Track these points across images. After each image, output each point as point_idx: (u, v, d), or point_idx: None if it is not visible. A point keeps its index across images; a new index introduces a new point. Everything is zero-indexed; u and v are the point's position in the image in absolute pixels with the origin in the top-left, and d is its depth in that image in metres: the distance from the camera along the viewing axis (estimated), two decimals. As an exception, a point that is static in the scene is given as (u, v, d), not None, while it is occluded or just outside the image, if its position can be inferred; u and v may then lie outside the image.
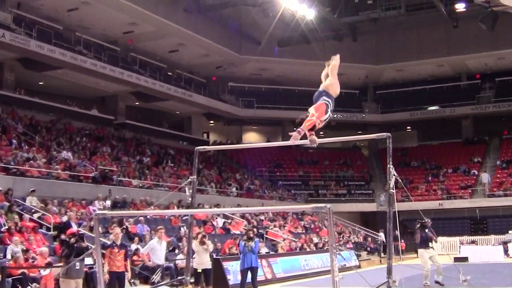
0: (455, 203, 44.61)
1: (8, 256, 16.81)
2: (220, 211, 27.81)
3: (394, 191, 7.28)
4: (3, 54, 31.19)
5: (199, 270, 15.21)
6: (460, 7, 41.83)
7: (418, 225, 18.94)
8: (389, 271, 7.20)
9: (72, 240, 12.80)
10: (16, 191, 22.29)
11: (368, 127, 51.97)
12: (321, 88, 9.20)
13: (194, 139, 45.51)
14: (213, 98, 45.70)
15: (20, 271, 15.95)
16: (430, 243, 18.30)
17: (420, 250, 18.53)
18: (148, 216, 24.77)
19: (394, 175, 7.32)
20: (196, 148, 8.62)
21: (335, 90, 9.31)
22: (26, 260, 16.48)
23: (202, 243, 15.40)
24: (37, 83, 36.03)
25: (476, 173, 47.17)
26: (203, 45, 41.84)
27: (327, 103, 8.92)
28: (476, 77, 52.48)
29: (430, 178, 48.50)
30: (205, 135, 50.78)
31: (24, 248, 17.18)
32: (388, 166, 7.38)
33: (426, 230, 18.60)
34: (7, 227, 18.51)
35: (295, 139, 6.48)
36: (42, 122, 32.25)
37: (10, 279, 15.40)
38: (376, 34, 48.40)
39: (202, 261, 15.30)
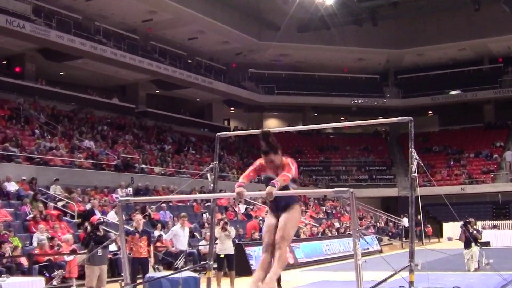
0: (477, 187, 44.37)
1: (34, 244, 17.09)
2: (246, 194, 27.68)
3: (416, 175, 7.26)
4: (24, 45, 31.40)
5: (222, 256, 15.30)
6: (482, -11, 41.36)
7: (462, 224, 18.46)
8: (412, 255, 7.22)
9: (89, 228, 12.95)
10: (40, 180, 22.59)
11: (389, 112, 51.77)
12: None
13: (215, 126, 45.59)
14: (233, 85, 45.66)
15: (46, 258, 16.23)
16: (473, 243, 17.79)
17: (464, 251, 18.03)
18: (170, 203, 24.93)
19: (416, 159, 7.30)
20: (218, 134, 8.64)
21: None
22: (52, 247, 16.74)
23: (224, 229, 15.48)
24: (58, 73, 36.25)
25: (499, 158, 46.82)
26: (222, 32, 41.78)
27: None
28: (498, 60, 51.82)
29: (451, 163, 48.25)
30: (225, 122, 50.82)
31: (49, 236, 17.42)
32: (410, 150, 7.35)
33: (471, 230, 18.14)
34: (32, 215, 18.80)
35: (270, 195, 6.42)
36: (64, 111, 32.50)
37: (37, 266, 15.71)
38: (396, 19, 48.00)
39: (225, 246, 15.39)
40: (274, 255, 6.66)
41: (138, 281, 11.60)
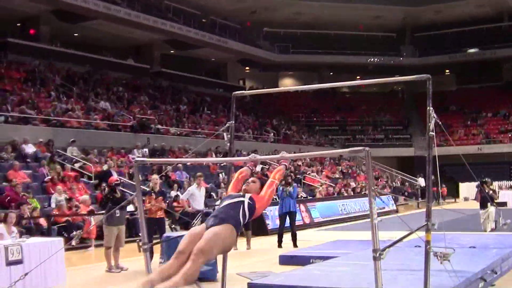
0: (494, 147, 44.19)
1: (53, 205, 17.30)
2: (259, 158, 27.62)
3: (433, 133, 7.19)
4: (38, 7, 31.30)
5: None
6: None
7: (477, 184, 18.22)
8: (428, 215, 7.18)
9: (106, 190, 13.02)
10: (57, 142, 22.73)
11: (405, 71, 51.10)
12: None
13: (230, 86, 45.48)
14: (248, 44, 45.38)
15: (64, 218, 16.43)
16: (489, 204, 17.39)
17: (480, 211, 17.84)
18: (186, 163, 25.03)
19: (434, 117, 7.21)
20: (234, 93, 8.59)
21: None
22: (70, 208, 16.93)
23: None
24: (72, 35, 36.15)
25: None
26: (237, -11, 41.47)
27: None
28: (518, 17, 51.00)
29: (469, 123, 48.02)
30: (241, 81, 50.67)
31: (67, 197, 17.61)
32: (428, 108, 7.26)
33: (487, 190, 17.92)
34: (50, 177, 18.98)
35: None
36: (79, 73, 32.52)
37: (55, 227, 15.94)
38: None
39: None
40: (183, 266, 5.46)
41: (155, 241, 11.68)
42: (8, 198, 16.40)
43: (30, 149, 21.07)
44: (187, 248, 5.56)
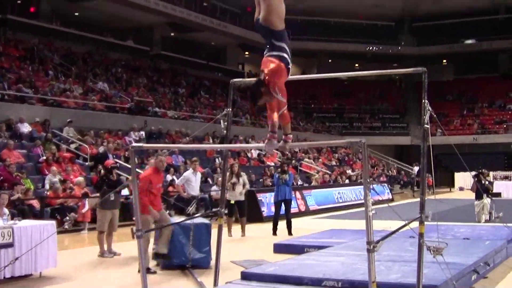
0: (489, 137, 44.35)
1: (47, 186, 17.20)
2: (254, 146, 27.55)
3: (428, 126, 7.21)
4: (39, -16, 31.21)
5: (232, 202, 15.35)
6: None
7: (474, 175, 18.27)
8: (422, 207, 7.22)
9: (102, 172, 12.95)
10: (53, 122, 22.64)
11: (403, 60, 51.40)
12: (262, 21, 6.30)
13: (229, 70, 45.45)
14: (249, 29, 45.20)
15: (58, 201, 16.33)
16: (485, 194, 17.53)
17: (475, 202, 17.92)
18: (183, 147, 24.99)
19: (429, 110, 7.24)
20: (232, 80, 8.55)
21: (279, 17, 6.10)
22: (64, 190, 16.83)
23: (237, 175, 15.50)
24: (73, 14, 36.04)
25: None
26: (239, -26, 41.30)
27: (282, 55, 5.92)
28: (515, 9, 51.04)
29: (465, 112, 48.14)
30: (240, 66, 50.68)
31: (62, 179, 17.53)
32: (423, 101, 7.29)
33: (483, 181, 17.99)
34: (45, 157, 18.86)
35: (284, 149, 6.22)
36: (78, 53, 32.41)
37: (48, 209, 15.81)
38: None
39: (235, 193, 15.43)
40: None
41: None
42: (1, 178, 16.25)
43: (25, 128, 20.97)
44: None
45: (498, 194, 30.35)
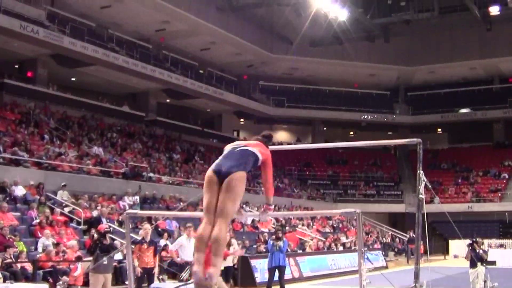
0: (484, 206, 44.35)
1: (40, 249, 17.10)
2: (249, 215, 27.67)
3: (423, 196, 7.27)
4: (37, 50, 31.49)
5: (221, 268, 15.26)
6: (494, 10, 41.48)
7: (468, 244, 18.30)
8: (417, 275, 7.22)
9: (95, 236, 12.93)
10: (48, 185, 22.62)
11: (398, 128, 51.84)
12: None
13: (224, 136, 45.68)
14: (244, 97, 45.75)
15: (50, 264, 16.22)
16: (479, 263, 17.55)
17: (470, 271, 17.90)
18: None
19: (423, 180, 7.31)
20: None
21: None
22: (57, 253, 16.73)
23: (228, 244, 15.47)
24: (69, 79, 36.35)
25: (507, 176, 46.76)
26: (235, 43, 41.91)
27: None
28: (508, 80, 51.73)
29: (460, 181, 48.23)
30: (235, 133, 50.93)
31: (55, 242, 17.45)
32: (418, 172, 7.37)
33: (477, 250, 18.01)
34: (38, 220, 18.83)
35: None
36: (74, 117, 32.56)
37: (41, 272, 15.68)
38: (408, 36, 48.07)
39: (226, 261, 15.33)
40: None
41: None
42: (-6, 240, 16.13)
43: (20, 191, 20.95)
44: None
45: (493, 262, 30.21)
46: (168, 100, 42.50)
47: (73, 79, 36.62)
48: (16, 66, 34.44)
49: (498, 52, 46.20)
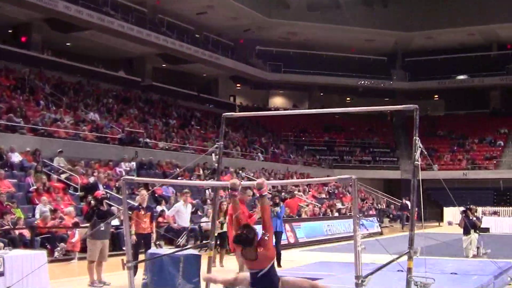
0: (479, 173, 44.51)
1: (37, 216, 17.15)
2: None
3: (419, 163, 7.30)
4: (30, 14, 31.22)
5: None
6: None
7: (462, 211, 18.49)
8: (411, 242, 7.27)
9: (92, 203, 12.96)
10: (44, 151, 22.56)
11: (395, 94, 51.76)
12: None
13: (220, 102, 45.65)
14: (240, 62, 45.52)
15: (48, 230, 16.29)
16: (473, 230, 17.75)
17: (463, 237, 18.12)
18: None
19: (420, 147, 7.32)
20: (224, 114, 8.63)
21: None
22: (54, 219, 16.80)
23: (225, 213, 15.48)
24: (64, 44, 36.08)
25: (503, 145, 46.87)
26: (232, 7, 41.64)
27: None
28: (507, 47, 51.59)
29: (455, 148, 48.33)
30: (231, 98, 50.80)
31: (52, 208, 17.50)
32: (414, 138, 7.38)
33: (471, 217, 18.22)
34: (35, 187, 18.84)
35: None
36: (69, 83, 32.45)
37: (39, 238, 15.77)
38: (406, 1, 47.81)
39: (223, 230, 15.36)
40: None
41: (140, 258, 11.68)
42: (-9, 207, 16.18)
43: (16, 158, 20.94)
44: None
45: (487, 230, 30.41)
46: (164, 65, 42.32)
47: (68, 44, 36.36)
48: (10, 31, 34.19)
49: (497, 18, 45.95)
